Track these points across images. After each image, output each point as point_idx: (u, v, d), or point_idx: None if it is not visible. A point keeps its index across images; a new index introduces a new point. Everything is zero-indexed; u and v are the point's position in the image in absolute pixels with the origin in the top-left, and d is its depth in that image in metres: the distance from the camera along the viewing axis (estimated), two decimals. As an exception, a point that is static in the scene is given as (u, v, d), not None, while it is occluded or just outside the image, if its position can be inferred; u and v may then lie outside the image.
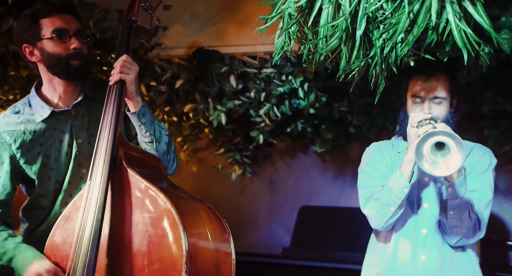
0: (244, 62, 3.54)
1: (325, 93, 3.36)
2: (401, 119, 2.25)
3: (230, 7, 3.53)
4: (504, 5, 1.70)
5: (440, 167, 1.79)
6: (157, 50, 3.55)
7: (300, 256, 3.43)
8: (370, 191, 2.20)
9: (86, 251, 1.71)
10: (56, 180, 2.03)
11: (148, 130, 1.97)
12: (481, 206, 2.10)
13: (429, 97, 2.13)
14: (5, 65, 3.40)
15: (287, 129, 3.77)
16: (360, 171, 2.31)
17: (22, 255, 1.84)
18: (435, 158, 1.79)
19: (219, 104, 3.57)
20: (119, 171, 1.82)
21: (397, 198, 2.05)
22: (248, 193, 4.31)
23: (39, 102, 2.03)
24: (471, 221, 2.04)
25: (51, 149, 2.02)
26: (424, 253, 2.15)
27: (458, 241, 2.10)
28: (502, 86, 2.90)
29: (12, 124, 2.01)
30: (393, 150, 2.30)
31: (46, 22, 1.97)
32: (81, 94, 2.07)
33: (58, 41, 1.98)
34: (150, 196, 1.74)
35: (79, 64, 2.00)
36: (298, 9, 1.65)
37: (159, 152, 2.02)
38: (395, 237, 2.20)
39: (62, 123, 2.04)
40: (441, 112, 2.14)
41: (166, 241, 1.68)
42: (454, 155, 1.76)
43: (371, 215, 2.16)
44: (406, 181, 2.04)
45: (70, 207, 1.87)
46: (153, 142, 2.00)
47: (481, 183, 2.14)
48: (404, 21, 1.47)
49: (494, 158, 2.21)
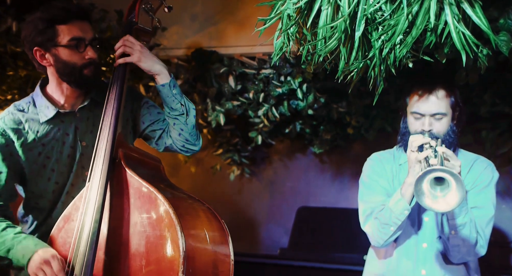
0: (243, 63, 3.54)
1: (324, 94, 3.36)
2: (402, 132, 2.23)
3: (229, 8, 3.53)
4: (502, 7, 1.70)
5: (439, 201, 1.78)
6: (155, 51, 3.55)
7: (298, 257, 3.43)
8: (370, 208, 2.17)
9: (84, 252, 1.71)
10: (56, 182, 2.01)
11: (179, 101, 1.98)
12: (483, 223, 2.08)
13: (429, 114, 2.11)
14: (3, 65, 3.40)
15: (286, 130, 3.77)
16: (361, 183, 2.29)
17: (21, 244, 1.81)
18: (435, 192, 1.79)
19: (217, 105, 3.57)
20: (118, 172, 1.82)
21: (397, 219, 2.04)
22: (246, 194, 4.31)
23: (44, 102, 2.01)
24: (472, 240, 2.02)
25: (53, 150, 2.00)
26: (425, 268, 2.13)
27: (460, 259, 2.08)
28: (500, 88, 2.91)
29: (17, 122, 1.99)
30: (394, 161, 2.27)
31: (63, 29, 1.93)
32: (88, 99, 2.06)
33: (75, 50, 1.95)
34: (148, 196, 1.74)
35: (91, 74, 1.98)
36: (297, 10, 1.65)
37: (188, 125, 2.02)
38: (396, 252, 2.18)
39: (66, 125, 2.03)
40: (443, 127, 2.12)
41: (163, 242, 1.68)
42: (454, 192, 1.76)
43: (371, 233, 2.15)
44: (406, 203, 2.02)
45: (70, 208, 1.87)
46: (184, 114, 2.00)
47: (483, 199, 2.11)
48: (402, 22, 1.47)
49: (496, 172, 2.19)
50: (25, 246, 1.80)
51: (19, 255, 1.80)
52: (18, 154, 1.97)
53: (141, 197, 1.76)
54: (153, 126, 2.13)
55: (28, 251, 1.78)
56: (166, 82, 1.97)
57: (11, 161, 1.97)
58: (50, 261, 1.74)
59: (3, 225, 1.88)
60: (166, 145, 2.12)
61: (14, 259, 1.81)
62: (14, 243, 1.82)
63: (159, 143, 2.14)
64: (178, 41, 3.62)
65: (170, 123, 2.05)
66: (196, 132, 2.08)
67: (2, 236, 1.85)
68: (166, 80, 1.97)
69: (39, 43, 1.95)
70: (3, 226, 1.88)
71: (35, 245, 1.80)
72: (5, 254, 1.82)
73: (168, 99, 1.99)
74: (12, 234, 1.84)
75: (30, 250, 1.78)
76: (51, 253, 1.76)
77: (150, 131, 2.14)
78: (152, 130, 2.13)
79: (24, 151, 1.97)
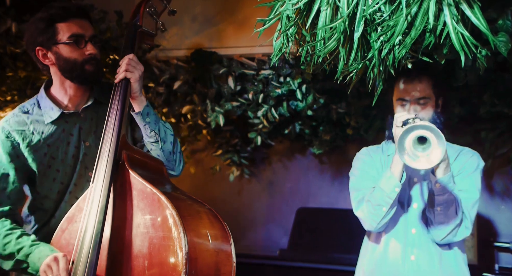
0: (242, 64, 3.55)
1: (323, 95, 3.36)
2: (389, 122, 2.28)
3: (228, 9, 3.54)
4: (501, 8, 1.70)
5: (421, 160, 1.83)
6: (155, 52, 3.56)
7: (297, 258, 3.43)
8: (361, 193, 2.23)
9: (88, 253, 1.72)
10: (61, 182, 2.03)
11: (153, 129, 1.99)
12: (468, 204, 2.13)
13: (413, 99, 2.18)
14: (3, 66, 3.40)
15: (285, 131, 3.78)
16: (351, 175, 2.35)
17: (39, 249, 1.87)
18: (417, 152, 1.83)
19: (217, 106, 3.58)
20: (121, 173, 1.83)
21: (389, 198, 2.08)
22: (246, 194, 4.31)
23: (48, 103, 2.04)
24: (457, 218, 2.06)
25: (58, 151, 2.02)
26: (413, 253, 2.18)
27: (444, 238, 2.12)
28: (499, 88, 2.92)
29: (22, 124, 2.01)
30: (383, 153, 2.33)
31: (62, 27, 1.97)
32: (91, 99, 2.08)
33: (75, 46, 1.98)
34: (151, 198, 1.75)
35: (93, 69, 2.01)
36: (296, 11, 1.65)
37: (164, 151, 2.03)
38: (386, 237, 2.23)
39: (70, 126, 2.05)
40: (427, 113, 2.18)
41: (166, 243, 1.68)
42: (435, 148, 1.80)
43: (364, 216, 2.19)
44: (397, 180, 2.07)
45: (73, 209, 1.88)
46: (158, 142, 2.02)
47: (469, 183, 2.17)
48: (402, 23, 1.48)
49: (481, 161, 2.25)
50: (42, 250, 1.86)
51: (36, 259, 1.85)
52: (24, 155, 1.99)
53: (144, 198, 1.77)
54: (143, 142, 2.14)
55: (43, 255, 1.84)
56: (139, 111, 1.99)
57: (18, 162, 1.99)
58: (58, 258, 1.78)
59: (18, 232, 1.93)
60: None
61: (31, 263, 1.87)
62: (33, 249, 1.88)
63: None
64: (178, 42, 3.63)
65: (148, 148, 2.07)
66: (174, 157, 2.07)
67: (20, 243, 1.90)
68: (141, 109, 1.99)
69: (41, 42, 1.99)
70: (19, 233, 1.92)
71: (51, 251, 1.85)
72: (24, 258, 1.88)
73: (142, 127, 2.01)
74: (30, 241, 1.90)
75: (45, 254, 1.84)
76: (62, 253, 1.81)
77: (141, 146, 2.15)
78: (142, 145, 2.14)
79: (30, 152, 1.99)
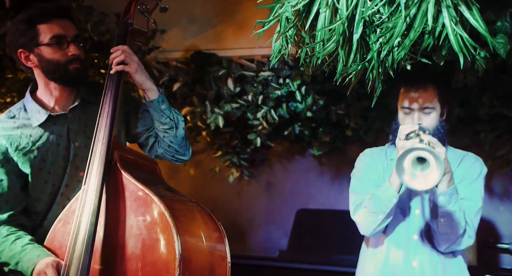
0: (242, 66, 3.55)
1: (323, 96, 3.37)
2: (393, 129, 2.27)
3: (227, 11, 3.54)
4: (499, 10, 1.70)
5: (419, 180, 1.83)
6: (154, 53, 3.56)
7: (297, 259, 3.43)
8: (360, 198, 2.22)
9: (80, 255, 1.70)
10: (53, 184, 2.01)
11: (168, 116, 1.99)
12: (471, 213, 2.12)
13: (418, 108, 2.16)
14: (2, 68, 3.40)
15: (285, 132, 3.78)
16: (352, 176, 2.34)
17: (27, 257, 1.84)
18: (415, 171, 1.83)
19: (216, 107, 3.58)
20: (114, 174, 1.82)
21: (386, 207, 2.08)
22: (245, 196, 4.31)
23: (35, 107, 2.02)
24: (461, 228, 2.05)
25: (48, 153, 2.00)
26: (416, 259, 2.16)
27: (447, 248, 2.11)
28: (498, 90, 2.92)
29: (9, 129, 2.00)
30: (386, 157, 2.32)
31: (43, 28, 1.95)
32: (78, 99, 2.06)
33: (57, 47, 1.96)
34: (144, 199, 1.74)
35: (77, 70, 1.99)
36: (295, 13, 1.65)
37: (178, 137, 2.04)
38: (387, 243, 2.21)
39: (58, 127, 2.03)
40: (431, 122, 2.16)
41: (159, 244, 1.67)
42: (433, 170, 1.80)
43: (360, 222, 2.19)
44: (394, 191, 2.07)
45: (66, 211, 1.86)
46: (173, 128, 2.02)
47: (471, 191, 2.15)
48: (400, 25, 1.48)
49: (484, 167, 2.24)
50: (29, 258, 1.83)
51: (25, 267, 1.83)
52: (14, 159, 1.98)
53: (137, 199, 1.75)
54: (148, 133, 2.13)
55: (31, 264, 1.81)
56: (155, 98, 1.98)
57: (9, 167, 1.98)
58: (45, 271, 1.76)
59: (12, 238, 1.90)
60: (157, 153, 2.14)
61: (24, 271, 1.85)
62: (22, 256, 1.85)
63: (151, 152, 2.16)
64: (177, 44, 3.63)
65: (160, 136, 2.07)
66: (185, 143, 2.10)
67: (12, 250, 1.88)
68: (155, 96, 1.98)
69: (22, 44, 1.97)
70: (12, 239, 1.90)
71: (38, 257, 1.82)
72: (15, 266, 1.86)
73: (157, 115, 2.00)
74: (20, 247, 1.87)
75: (32, 262, 1.81)
76: (46, 263, 1.78)
77: (145, 139, 2.15)
78: (147, 137, 2.14)
79: (19, 156, 1.98)
